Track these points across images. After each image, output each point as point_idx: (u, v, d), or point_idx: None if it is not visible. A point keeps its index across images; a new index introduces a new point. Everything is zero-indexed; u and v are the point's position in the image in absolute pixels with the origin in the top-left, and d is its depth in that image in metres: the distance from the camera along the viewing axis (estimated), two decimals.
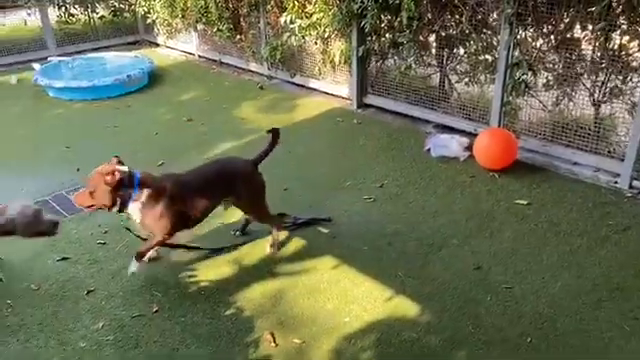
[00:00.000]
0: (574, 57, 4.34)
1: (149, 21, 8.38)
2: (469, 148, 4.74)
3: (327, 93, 6.35)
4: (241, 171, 3.45)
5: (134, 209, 3.11)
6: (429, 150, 4.89)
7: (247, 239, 3.71)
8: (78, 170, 4.79)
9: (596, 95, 4.36)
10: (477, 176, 4.45)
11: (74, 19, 8.58)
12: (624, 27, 4.03)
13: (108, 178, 2.97)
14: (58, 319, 3.06)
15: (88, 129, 5.75)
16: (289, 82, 6.75)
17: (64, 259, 3.58)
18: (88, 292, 3.27)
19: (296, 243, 3.67)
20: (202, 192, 3.27)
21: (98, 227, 3.94)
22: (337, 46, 5.86)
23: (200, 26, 7.69)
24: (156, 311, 3.10)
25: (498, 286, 3.22)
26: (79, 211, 4.12)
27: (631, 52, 4.08)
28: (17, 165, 4.95)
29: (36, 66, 7.21)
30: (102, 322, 3.03)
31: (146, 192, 3.08)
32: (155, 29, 8.65)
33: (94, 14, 8.70)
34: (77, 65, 7.53)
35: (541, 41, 4.50)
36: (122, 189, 3.03)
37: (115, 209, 3.10)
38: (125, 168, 3.07)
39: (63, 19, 8.50)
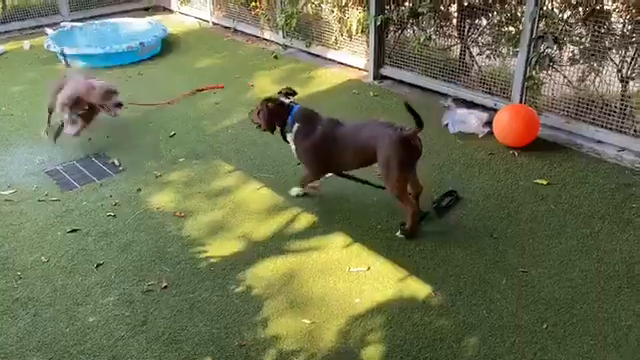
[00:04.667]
0: (603, 30, 4.13)
1: None
2: (489, 124, 4.58)
3: (343, 64, 6.18)
4: (387, 140, 3.26)
5: (290, 139, 3.62)
6: (447, 125, 4.75)
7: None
8: (90, 140, 4.75)
9: (624, 71, 4.16)
10: (496, 154, 4.32)
11: None
12: None
13: (269, 104, 3.58)
14: (67, 292, 3.05)
15: None
16: (304, 51, 6.58)
17: (74, 231, 3.56)
18: (98, 265, 3.26)
19: (307, 220, 3.61)
20: (349, 146, 3.45)
21: (109, 198, 3.91)
22: (354, 15, 5.68)
23: None
24: (165, 287, 3.07)
25: (514, 269, 3.13)
26: (90, 182, 4.10)
27: None
28: (29, 133, 4.91)
29: (49, 32, 7.12)
30: (111, 297, 3.02)
31: (297, 125, 3.53)
32: None
33: None
34: (90, 31, 7.41)
35: (568, 13, 4.28)
36: (277, 118, 3.59)
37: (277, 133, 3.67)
38: (285, 100, 3.64)
39: None
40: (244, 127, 4.90)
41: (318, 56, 6.43)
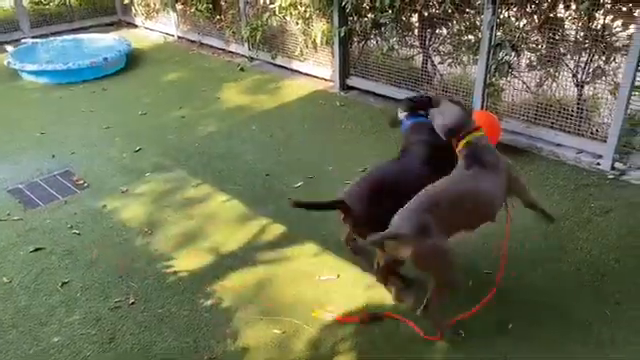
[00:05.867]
0: (557, 37, 4.27)
1: (127, 1, 8.16)
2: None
3: (309, 75, 6.23)
4: None
5: None
6: None
7: None
8: (53, 157, 4.68)
9: (579, 76, 4.31)
10: None
11: None
12: (608, 6, 3.97)
13: None
14: (31, 313, 2.98)
15: (63, 113, 5.60)
16: (270, 63, 6.61)
17: (38, 250, 3.48)
18: (63, 284, 3.19)
19: (277, 231, 3.61)
20: None
21: (74, 215, 3.84)
22: (318, 26, 5.73)
23: (179, 6, 7.50)
24: (133, 303, 3.03)
25: (479, 271, 3.18)
26: (54, 200, 4.03)
27: (614, 32, 4.03)
28: None
29: (9, 48, 7.00)
30: (77, 315, 2.96)
31: None
32: (133, 9, 8.42)
33: None
34: (52, 47, 7.31)
35: (524, 21, 4.42)
36: None
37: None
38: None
39: (36, 0, 8.22)
40: (210, 140, 4.90)
41: (284, 67, 6.47)
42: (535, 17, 4.37)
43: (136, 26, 8.58)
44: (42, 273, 3.29)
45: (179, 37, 7.87)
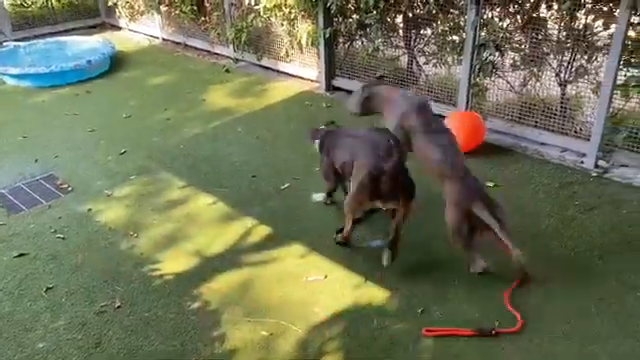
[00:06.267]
0: (540, 37, 4.32)
1: (110, 3, 8.09)
2: None
3: (295, 76, 6.23)
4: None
5: None
6: None
7: None
8: (36, 161, 4.62)
9: (562, 75, 4.36)
10: None
11: (30, 2, 8.20)
12: (589, 6, 4.01)
13: None
14: (15, 319, 2.94)
15: (46, 117, 5.54)
16: (256, 65, 6.60)
17: (21, 255, 3.44)
18: (47, 289, 3.16)
19: (263, 232, 3.60)
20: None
21: (58, 219, 3.80)
22: (304, 28, 5.73)
23: (163, 8, 7.46)
24: (119, 307, 3.00)
25: (465, 269, 3.20)
26: (38, 204, 3.98)
27: (596, 31, 4.08)
28: None
29: None
30: (62, 320, 2.93)
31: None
32: (117, 11, 8.35)
33: None
34: (34, 50, 7.23)
35: (508, 21, 4.46)
36: None
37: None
38: None
39: (18, 2, 8.13)
40: (196, 142, 4.87)
41: (270, 69, 6.46)
42: (518, 17, 4.41)
43: (120, 28, 8.52)
44: (26, 278, 3.25)
45: (164, 39, 7.83)
